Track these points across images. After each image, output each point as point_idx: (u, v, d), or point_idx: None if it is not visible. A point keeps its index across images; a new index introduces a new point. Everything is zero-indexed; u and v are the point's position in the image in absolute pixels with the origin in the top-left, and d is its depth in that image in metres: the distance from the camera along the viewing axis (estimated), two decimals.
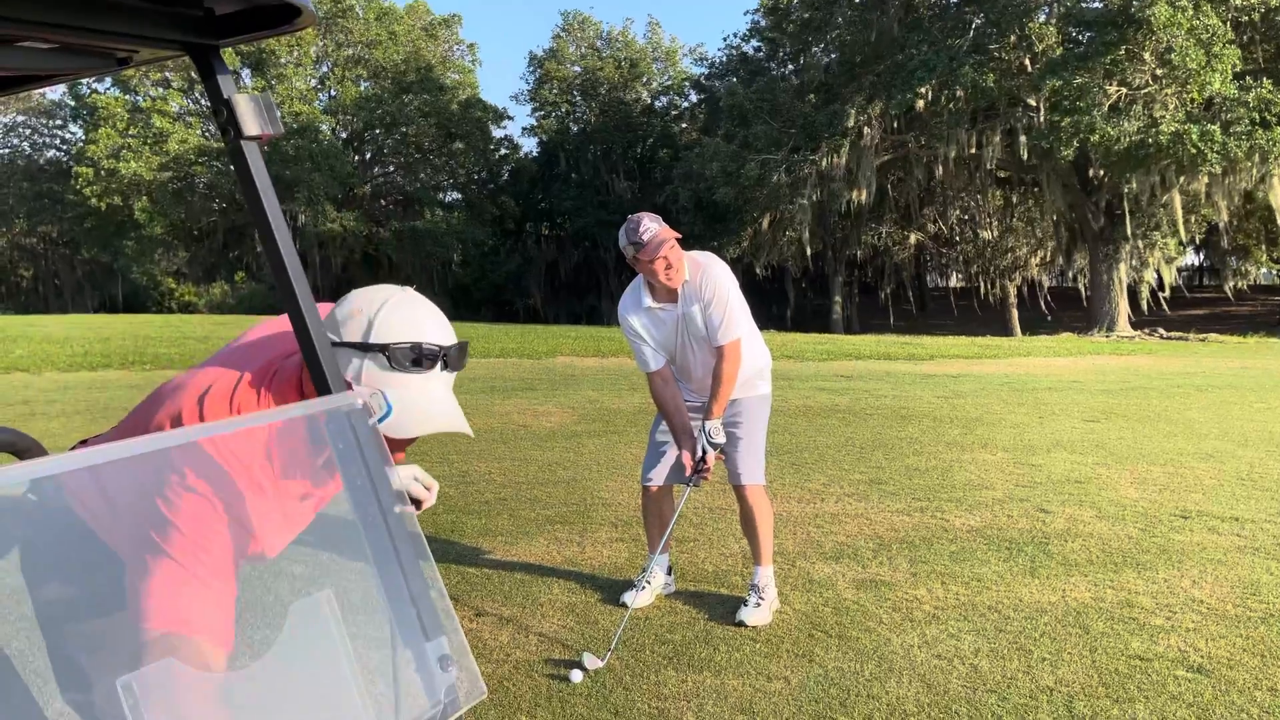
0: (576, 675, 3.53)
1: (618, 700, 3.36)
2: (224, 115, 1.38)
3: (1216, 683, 3.41)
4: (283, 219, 1.46)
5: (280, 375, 1.67)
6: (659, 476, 4.28)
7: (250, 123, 1.37)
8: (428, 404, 1.57)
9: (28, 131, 47.93)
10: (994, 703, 3.29)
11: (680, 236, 3.93)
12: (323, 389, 1.43)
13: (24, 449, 1.47)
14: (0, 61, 1.32)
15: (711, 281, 3.92)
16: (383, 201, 44.86)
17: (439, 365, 1.59)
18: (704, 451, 3.98)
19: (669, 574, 4.49)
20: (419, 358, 1.57)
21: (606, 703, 3.34)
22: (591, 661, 3.60)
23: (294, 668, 1.30)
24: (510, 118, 56.52)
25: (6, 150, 47.57)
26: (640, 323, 4.06)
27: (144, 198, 38.68)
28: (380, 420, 1.48)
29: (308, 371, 1.59)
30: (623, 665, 3.65)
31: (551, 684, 3.49)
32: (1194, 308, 38.38)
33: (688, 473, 4.03)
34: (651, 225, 3.84)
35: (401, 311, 1.62)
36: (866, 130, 28.34)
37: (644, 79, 45.83)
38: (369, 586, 1.36)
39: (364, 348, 1.58)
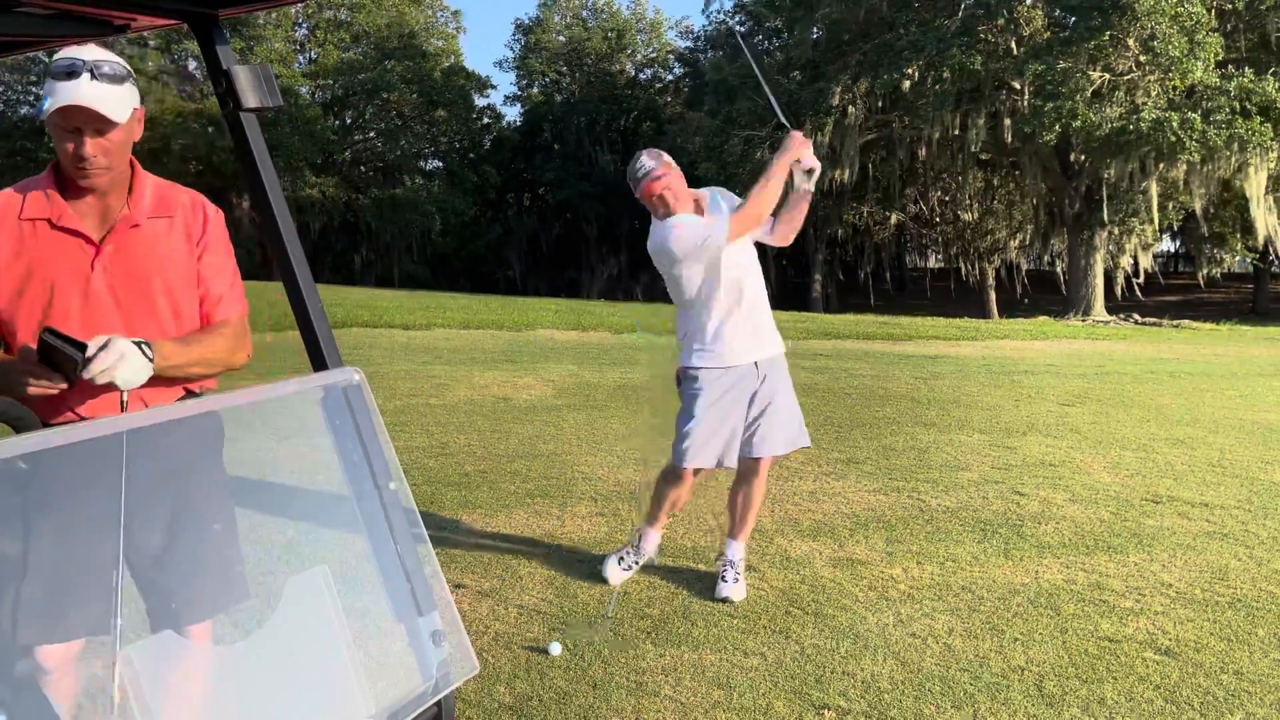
0: (555, 648, 3.55)
1: (596, 673, 3.39)
2: (223, 86, 1.36)
3: (1183, 665, 3.49)
4: (281, 191, 1.45)
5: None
6: (705, 458, 3.98)
7: (250, 95, 1.36)
8: (69, 92, 1.87)
9: (1, 88, 46.97)
10: (967, 681, 3.35)
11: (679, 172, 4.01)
12: (319, 364, 1.43)
13: (16, 418, 1.46)
14: None
15: (666, 230, 3.94)
16: (362, 168, 44.39)
17: (87, 75, 1.87)
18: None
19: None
20: (70, 70, 1.88)
21: (585, 675, 3.38)
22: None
23: (290, 641, 1.31)
24: (494, 86, 56.02)
25: None
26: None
27: None
28: (40, 113, 1.92)
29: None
30: (601, 639, 3.68)
31: (530, 656, 3.52)
32: (1169, 294, 38.81)
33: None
34: (648, 163, 3.95)
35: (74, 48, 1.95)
36: (851, 109, 28.29)
37: (629, 50, 45.53)
38: (363, 562, 1.37)
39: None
